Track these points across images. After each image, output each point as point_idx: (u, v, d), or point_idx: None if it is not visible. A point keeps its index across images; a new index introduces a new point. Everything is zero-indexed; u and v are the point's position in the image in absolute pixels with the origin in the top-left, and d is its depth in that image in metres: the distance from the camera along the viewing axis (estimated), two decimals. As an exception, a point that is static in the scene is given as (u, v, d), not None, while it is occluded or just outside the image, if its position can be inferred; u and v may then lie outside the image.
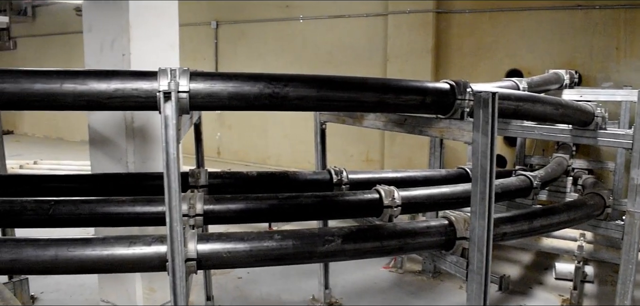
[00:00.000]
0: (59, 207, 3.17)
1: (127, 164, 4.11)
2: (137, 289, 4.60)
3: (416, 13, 9.48)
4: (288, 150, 11.81)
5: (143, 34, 4.03)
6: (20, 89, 2.28)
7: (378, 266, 6.19)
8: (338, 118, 4.22)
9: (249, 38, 12.05)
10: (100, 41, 4.11)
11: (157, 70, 2.33)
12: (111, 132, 4.16)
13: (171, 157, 2.27)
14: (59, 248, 2.55)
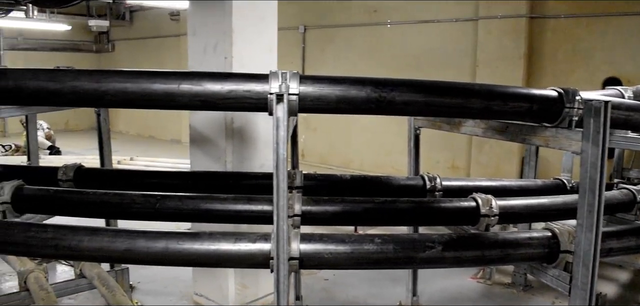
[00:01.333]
0: (165, 201, 3.32)
1: (225, 163, 4.25)
2: (230, 284, 4.74)
3: (508, 18, 9.23)
4: (371, 155, 11.80)
5: (244, 37, 4.16)
6: (141, 89, 2.40)
7: (465, 276, 6.07)
8: (433, 123, 4.17)
9: (336, 42, 12.15)
10: (203, 44, 4.27)
11: (268, 73, 2.40)
12: (211, 132, 4.31)
13: (281, 157, 2.33)
14: (170, 241, 2.66)
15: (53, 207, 3.51)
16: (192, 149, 4.53)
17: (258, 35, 4.28)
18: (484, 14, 9.59)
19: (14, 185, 3.47)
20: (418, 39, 10.74)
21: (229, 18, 4.07)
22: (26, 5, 5.82)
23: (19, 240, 2.79)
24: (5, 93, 2.50)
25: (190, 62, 4.45)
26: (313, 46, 12.61)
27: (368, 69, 11.32)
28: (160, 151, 13.92)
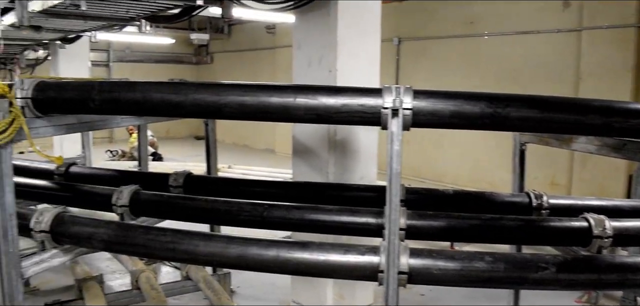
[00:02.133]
0: (272, 210, 3.41)
1: (327, 174, 4.31)
2: (328, 294, 4.79)
3: (615, 28, 8.76)
4: (465, 169, 11.56)
5: (348, 51, 4.21)
6: (258, 102, 2.50)
7: (569, 299, 5.80)
8: (541, 139, 4.04)
9: (430, 55, 12.03)
10: (308, 58, 4.37)
11: (382, 88, 2.42)
12: (314, 144, 4.39)
13: (394, 171, 2.34)
14: (280, 249, 2.74)
15: (167, 211, 3.70)
16: (294, 160, 4.64)
17: (361, 48, 4.33)
18: (588, 24, 9.16)
19: (132, 190, 3.69)
20: (516, 51, 10.43)
21: (333, 32, 4.15)
22: (140, 21, 6.18)
23: (140, 242, 2.96)
24: (134, 104, 2.68)
25: (294, 75, 4.56)
26: (407, 58, 12.55)
27: (463, 81, 11.11)
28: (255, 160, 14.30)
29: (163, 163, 13.35)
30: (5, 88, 2.74)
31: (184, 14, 5.56)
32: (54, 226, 3.17)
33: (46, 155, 3.17)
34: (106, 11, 5.78)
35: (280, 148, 15.86)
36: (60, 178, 4.86)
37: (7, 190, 2.84)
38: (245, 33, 17.37)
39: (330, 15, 4.17)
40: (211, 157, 5.18)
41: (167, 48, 17.68)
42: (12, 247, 2.95)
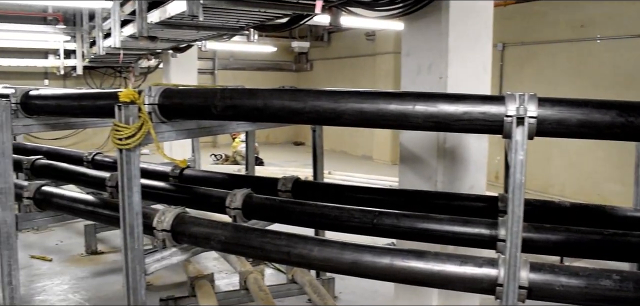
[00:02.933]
0: (382, 218, 3.40)
1: (436, 183, 4.24)
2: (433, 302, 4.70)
3: None
4: (573, 180, 10.99)
5: (459, 57, 4.13)
6: (377, 109, 2.50)
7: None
8: (670, 151, 3.75)
9: (536, 60, 11.57)
10: (417, 64, 4.33)
11: (504, 95, 2.35)
12: (422, 152, 4.34)
13: (518, 182, 2.26)
14: (394, 257, 2.72)
15: (277, 215, 3.79)
16: (401, 168, 4.60)
17: (473, 55, 4.23)
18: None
19: (245, 193, 3.81)
20: (632, 56, 9.79)
21: (444, 38, 4.08)
22: (248, 30, 6.38)
23: (255, 244, 3.05)
24: (255, 111, 2.77)
25: (403, 82, 4.53)
26: (512, 64, 12.13)
27: (572, 89, 10.57)
28: (352, 166, 14.34)
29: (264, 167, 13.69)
30: (135, 95, 2.92)
31: (292, 22, 5.68)
32: (174, 226, 3.34)
33: (171, 158, 3.34)
34: (218, 21, 6.02)
35: (378, 155, 15.83)
36: (175, 180, 5.11)
37: (135, 190, 3.01)
38: (344, 40, 17.50)
39: (441, 21, 4.10)
40: (317, 163, 5.24)
41: (268, 56, 18.15)
42: (137, 244, 3.13)
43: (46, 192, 4.25)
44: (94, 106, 3.66)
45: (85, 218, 4.63)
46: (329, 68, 18.47)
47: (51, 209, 4.29)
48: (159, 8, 6.01)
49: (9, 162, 3.96)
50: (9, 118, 3.87)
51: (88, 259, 6.83)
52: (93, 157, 5.97)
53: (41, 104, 3.95)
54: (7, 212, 4.06)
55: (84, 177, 5.00)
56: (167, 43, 8.73)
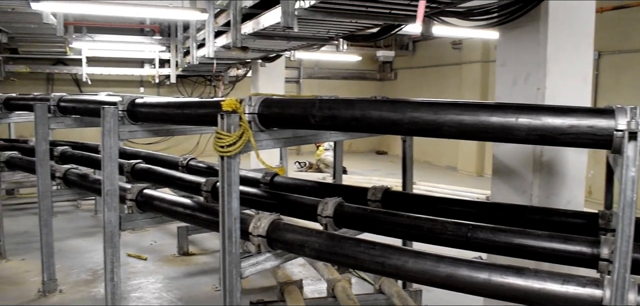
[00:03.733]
0: (476, 231, 3.34)
1: (531, 197, 4.12)
2: (525, 324, 4.56)
3: None
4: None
5: (559, 68, 4.00)
6: (477, 121, 2.46)
7: None
8: None
9: (634, 69, 10.97)
10: (513, 75, 4.22)
11: (614, 108, 2.26)
12: (518, 165, 4.23)
13: (628, 199, 2.16)
14: (492, 273, 2.66)
15: (369, 225, 3.79)
16: (494, 180, 4.50)
17: (572, 65, 4.08)
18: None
19: (336, 202, 3.85)
20: None
21: (543, 48, 3.96)
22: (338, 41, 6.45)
23: (349, 253, 3.08)
24: (352, 121, 2.80)
25: (497, 93, 4.43)
26: (607, 74, 11.57)
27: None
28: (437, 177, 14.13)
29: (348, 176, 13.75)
30: (237, 104, 3.03)
31: (383, 32, 5.70)
32: (269, 232, 3.43)
33: (270, 165, 3.43)
34: (309, 32, 6.13)
35: (463, 166, 15.51)
36: (266, 186, 5.23)
37: (234, 196, 3.12)
38: (430, 49, 17.31)
39: (540, 30, 3.98)
40: (407, 174, 5.22)
41: (353, 65, 18.24)
42: (234, 248, 3.23)
43: (147, 195, 4.48)
44: (196, 114, 3.82)
45: (183, 221, 4.82)
46: (413, 77, 18.33)
47: (151, 211, 4.51)
48: (252, 20, 6.20)
49: (115, 165, 4.21)
50: (116, 124, 4.12)
51: (180, 260, 7.11)
52: (188, 162, 6.22)
53: (146, 112, 4.17)
54: (112, 212, 4.32)
55: (181, 181, 5.21)
56: (258, 53, 8.97)
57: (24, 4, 7.20)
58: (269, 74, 11.30)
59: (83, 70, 14.13)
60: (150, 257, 7.13)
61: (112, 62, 14.79)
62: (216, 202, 4.54)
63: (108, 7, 7.89)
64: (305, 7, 4.50)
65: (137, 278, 6.44)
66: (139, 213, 4.55)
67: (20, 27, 9.65)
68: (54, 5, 7.79)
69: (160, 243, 7.78)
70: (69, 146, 7.29)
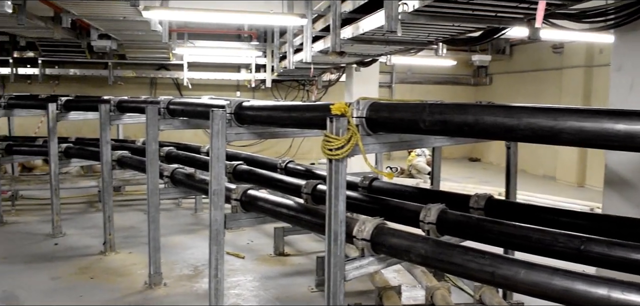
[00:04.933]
0: (590, 244, 3.19)
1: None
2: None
3: None
4: None
5: (683, 73, 3.75)
6: (601, 128, 2.35)
7: None
8: None
9: None
10: (630, 80, 4.01)
11: None
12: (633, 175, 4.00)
13: None
14: (612, 289, 2.52)
15: (473, 233, 3.72)
16: (606, 191, 4.28)
17: (699, 70, 3.82)
18: None
19: (439, 209, 3.80)
20: None
21: (666, 52, 3.74)
22: (437, 45, 6.38)
23: (458, 261, 3.03)
24: (464, 126, 2.75)
25: (611, 98, 4.22)
26: None
27: None
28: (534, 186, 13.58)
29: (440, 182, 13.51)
30: (346, 108, 3.06)
31: (486, 36, 5.57)
32: (374, 236, 3.43)
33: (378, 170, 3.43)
34: (409, 36, 6.09)
35: (562, 175, 14.82)
36: (364, 190, 5.25)
37: (341, 199, 3.15)
38: (527, 53, 16.70)
39: (663, 33, 3.77)
40: (511, 182, 5.06)
41: (446, 70, 17.92)
42: (339, 251, 3.26)
43: (252, 196, 4.61)
44: (303, 118, 3.90)
45: (286, 222, 4.93)
46: (509, 82, 17.74)
47: (255, 211, 4.64)
48: (351, 24, 6.25)
49: (222, 166, 4.36)
50: (224, 127, 4.27)
51: (276, 260, 7.26)
52: (286, 164, 6.35)
53: (253, 115, 4.31)
54: (218, 211, 4.48)
55: (281, 183, 5.33)
56: (353, 57, 9.03)
57: (135, 12, 7.63)
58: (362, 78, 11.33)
59: (184, 74, 14.79)
60: (248, 256, 7.32)
61: (210, 67, 15.39)
62: (316, 205, 4.63)
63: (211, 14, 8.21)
64: (409, 11, 4.48)
65: (236, 275, 6.63)
66: (243, 213, 4.69)
67: (129, 35, 10.23)
68: (162, 13, 8.21)
69: (257, 242, 7.97)
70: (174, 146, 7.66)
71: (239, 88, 16.53)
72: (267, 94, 16.07)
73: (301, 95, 16.61)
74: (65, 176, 10.61)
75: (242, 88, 16.49)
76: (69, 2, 7.42)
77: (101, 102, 6.94)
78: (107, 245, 7.13)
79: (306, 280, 6.46)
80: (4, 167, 10.09)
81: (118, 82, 15.30)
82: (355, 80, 11.24)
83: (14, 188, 9.73)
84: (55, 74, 15.05)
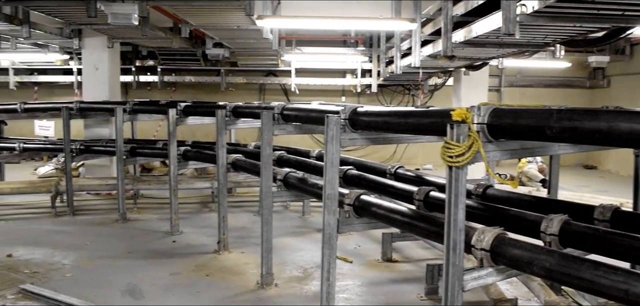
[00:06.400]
0: None
1: None
2: None
3: None
4: None
5: None
6: None
7: None
8: None
9: None
10: None
11: None
12: None
13: None
14: None
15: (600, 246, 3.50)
16: None
17: None
18: None
19: (562, 219, 3.62)
20: None
21: None
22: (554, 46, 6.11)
23: (587, 276, 2.87)
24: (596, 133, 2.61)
25: None
26: None
27: None
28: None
29: (552, 191, 12.89)
30: (467, 114, 3.00)
31: (610, 37, 5.26)
32: (494, 246, 3.33)
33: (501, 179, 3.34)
34: (525, 38, 5.88)
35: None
36: (477, 198, 5.11)
37: (460, 207, 3.09)
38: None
39: None
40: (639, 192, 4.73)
41: (559, 72, 17.05)
42: (458, 260, 3.20)
43: (365, 201, 4.63)
44: (419, 124, 3.86)
45: (400, 229, 4.92)
46: (630, 85, 16.58)
47: (368, 216, 4.66)
48: (463, 27, 6.12)
49: (336, 171, 4.42)
50: (338, 132, 4.32)
51: (384, 265, 7.24)
52: (395, 170, 6.32)
53: (368, 120, 4.33)
54: (331, 215, 4.54)
55: (392, 189, 5.32)
56: (463, 61, 8.84)
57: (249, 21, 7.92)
58: (471, 82, 11.07)
59: (292, 80, 15.17)
60: (355, 260, 7.36)
61: (316, 73, 15.67)
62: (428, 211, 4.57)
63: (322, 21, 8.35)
64: (528, 12, 4.32)
65: (344, 279, 6.67)
66: (355, 218, 4.72)
67: (242, 43, 10.65)
68: (274, 21, 8.46)
69: (364, 247, 7.98)
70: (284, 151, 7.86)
71: (344, 94, 16.68)
72: (372, 99, 16.08)
73: (406, 100, 16.48)
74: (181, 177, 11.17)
75: (347, 94, 16.63)
76: (188, 13, 7.83)
77: (217, 107, 7.26)
78: (221, 244, 7.43)
79: (415, 288, 6.39)
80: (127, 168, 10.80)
81: (229, 88, 15.97)
82: (463, 84, 10.99)
83: (136, 188, 10.39)
84: (172, 81, 15.97)
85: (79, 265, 6.99)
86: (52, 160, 13.74)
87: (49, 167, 13.32)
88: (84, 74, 11.88)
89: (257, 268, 6.51)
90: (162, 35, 9.34)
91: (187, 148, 8.85)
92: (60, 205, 9.91)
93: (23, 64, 15.11)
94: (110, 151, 10.08)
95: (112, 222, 9.25)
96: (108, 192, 10.80)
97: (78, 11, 7.74)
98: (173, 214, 8.44)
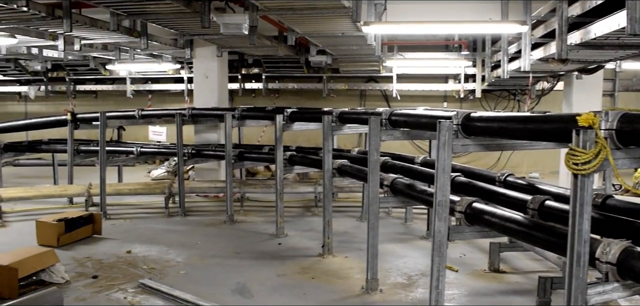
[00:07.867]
0: None
1: None
2: None
3: None
4: None
5: None
6: None
7: None
8: None
9: None
10: None
11: None
12: None
13: None
14: None
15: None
16: None
17: None
18: None
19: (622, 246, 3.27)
20: None
21: None
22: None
23: None
24: None
25: None
26: None
27: None
28: None
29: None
30: (594, 119, 2.87)
31: None
32: (621, 259, 3.16)
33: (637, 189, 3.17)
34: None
35: None
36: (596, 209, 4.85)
37: (586, 217, 2.96)
38: None
39: None
40: None
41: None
42: (582, 273, 3.06)
43: (477, 209, 4.54)
44: (540, 130, 3.73)
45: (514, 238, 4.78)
46: None
47: (480, 224, 4.56)
48: (579, 29, 5.85)
49: (447, 178, 4.36)
50: (450, 138, 4.27)
51: (491, 276, 7.03)
52: (505, 177, 6.14)
53: (482, 126, 4.24)
54: (442, 222, 4.49)
55: (504, 197, 5.17)
56: (575, 64, 8.43)
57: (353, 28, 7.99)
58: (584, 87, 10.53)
59: (393, 86, 15.10)
60: (461, 269, 7.20)
61: (417, 78, 15.50)
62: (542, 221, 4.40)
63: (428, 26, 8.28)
64: (657, 12, 4.06)
65: (450, 288, 6.55)
66: (467, 226, 4.63)
67: (345, 49, 10.74)
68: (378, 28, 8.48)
69: (470, 256, 7.80)
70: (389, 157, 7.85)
71: (446, 99, 16.39)
72: (475, 105, 15.67)
73: (511, 106, 15.92)
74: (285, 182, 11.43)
75: (449, 99, 16.33)
76: (295, 21, 8.02)
77: (323, 113, 7.38)
78: (326, 248, 7.54)
79: (525, 300, 6.17)
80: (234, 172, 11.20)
81: (331, 95, 16.16)
82: (575, 89, 10.47)
83: (243, 191, 10.76)
84: (276, 88, 16.38)
85: (191, 263, 7.35)
86: (164, 163, 14.56)
87: (161, 170, 14.10)
88: (195, 82, 12.48)
89: (361, 273, 6.55)
90: (268, 43, 9.61)
91: (293, 153, 9.06)
92: (173, 206, 10.49)
93: (139, 73, 16.08)
94: (219, 155, 10.52)
95: (220, 223, 9.64)
96: (216, 194, 11.27)
97: (192, 22, 8.13)
98: (278, 217, 8.66)
